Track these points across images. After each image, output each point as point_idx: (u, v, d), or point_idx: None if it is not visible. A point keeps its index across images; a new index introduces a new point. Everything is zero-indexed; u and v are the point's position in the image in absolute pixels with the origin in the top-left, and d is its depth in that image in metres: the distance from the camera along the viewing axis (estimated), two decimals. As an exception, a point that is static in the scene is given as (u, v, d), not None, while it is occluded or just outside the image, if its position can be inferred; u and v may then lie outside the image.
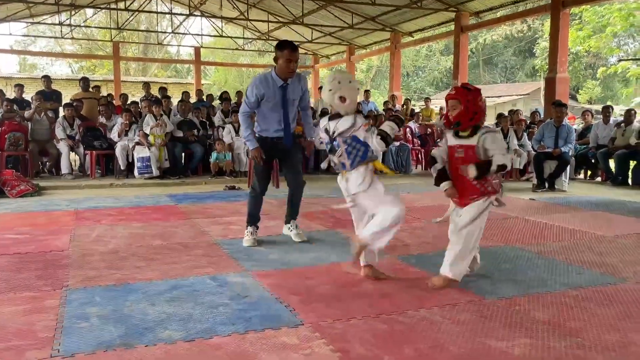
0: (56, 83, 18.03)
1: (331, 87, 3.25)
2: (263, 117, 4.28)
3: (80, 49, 29.89)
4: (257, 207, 4.49)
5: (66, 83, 20.10)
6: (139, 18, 24.39)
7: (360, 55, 19.79)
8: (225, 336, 2.50)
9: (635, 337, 2.49)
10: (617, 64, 22.83)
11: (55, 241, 4.45)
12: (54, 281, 3.34)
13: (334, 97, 3.24)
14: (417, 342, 2.44)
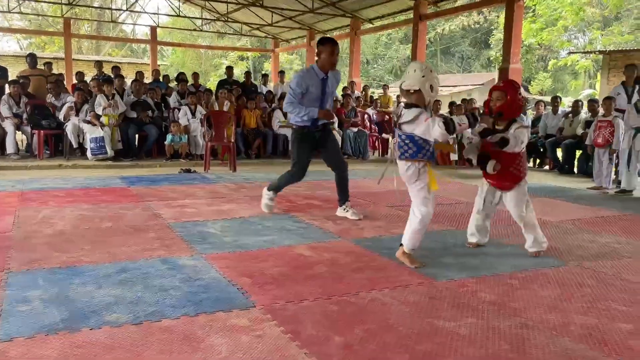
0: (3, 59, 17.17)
1: (424, 74, 3.20)
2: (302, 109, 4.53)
3: (30, 24, 28.52)
4: (287, 184, 4.85)
5: (14, 60, 19.16)
6: (91, -6, 23.46)
7: (320, 40, 19.69)
8: (175, 319, 2.46)
9: (574, 317, 2.60)
10: (567, 56, 23.60)
11: (-2, 223, 4.26)
12: (-6, 264, 3.20)
13: (425, 84, 3.19)
14: (367, 323, 2.47)
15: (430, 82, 3.21)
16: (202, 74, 29.44)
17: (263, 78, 13.45)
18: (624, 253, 3.82)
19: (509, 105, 3.42)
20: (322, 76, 4.51)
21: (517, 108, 3.48)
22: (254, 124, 9.75)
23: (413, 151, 3.29)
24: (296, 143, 4.68)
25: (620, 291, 2.99)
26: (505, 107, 3.43)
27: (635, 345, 2.29)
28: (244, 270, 3.20)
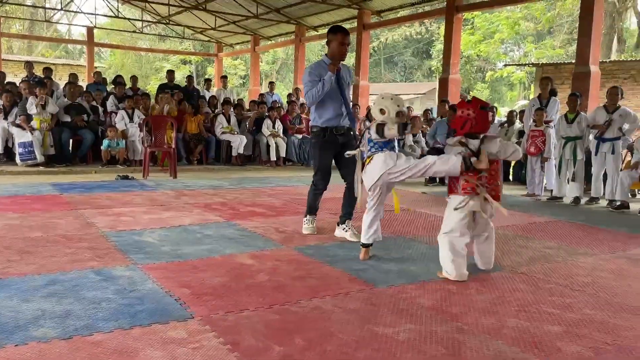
0: None
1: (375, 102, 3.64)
2: (322, 107, 4.23)
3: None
4: (317, 200, 4.49)
5: None
6: (24, -9, 22.38)
7: (265, 46, 19.66)
8: (107, 332, 2.36)
9: (508, 320, 2.69)
10: (503, 68, 24.65)
11: None
12: None
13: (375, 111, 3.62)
14: (308, 331, 2.46)
15: (379, 106, 3.58)
16: (142, 77, 28.74)
17: (206, 83, 13.23)
18: (555, 258, 4.00)
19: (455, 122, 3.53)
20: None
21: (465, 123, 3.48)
22: (195, 130, 9.57)
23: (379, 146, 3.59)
24: (317, 148, 4.34)
25: (551, 294, 3.12)
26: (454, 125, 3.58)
27: (563, 346, 2.39)
28: (182, 280, 3.12)
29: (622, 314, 2.82)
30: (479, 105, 3.38)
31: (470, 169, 3.26)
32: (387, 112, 3.57)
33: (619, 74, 13.44)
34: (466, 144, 3.33)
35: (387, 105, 3.59)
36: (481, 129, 3.38)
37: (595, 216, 5.97)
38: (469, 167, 3.26)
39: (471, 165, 3.25)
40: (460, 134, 3.40)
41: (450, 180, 3.47)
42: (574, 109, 6.98)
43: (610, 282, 3.42)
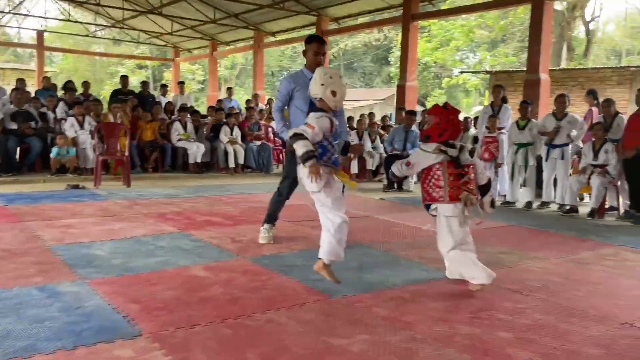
0: None
1: (324, 82, 3.24)
2: (295, 115, 4.19)
3: None
4: (279, 209, 4.48)
5: None
6: (-31, -8, 21.43)
7: (224, 51, 19.48)
8: (49, 354, 2.25)
9: (460, 328, 2.71)
10: (459, 75, 25.24)
11: None
12: None
13: (325, 91, 3.23)
14: (261, 346, 2.41)
15: (332, 88, 3.24)
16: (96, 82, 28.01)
17: (162, 88, 12.98)
18: (507, 262, 4.08)
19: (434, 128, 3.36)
20: (311, 76, 3.87)
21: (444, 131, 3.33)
22: (151, 136, 9.36)
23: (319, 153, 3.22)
24: (289, 156, 4.26)
25: (503, 300, 3.17)
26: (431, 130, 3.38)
27: (514, 352, 2.43)
28: (132, 295, 3.01)
29: (571, 319, 2.89)
30: (456, 112, 3.40)
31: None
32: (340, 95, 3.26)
33: (568, 82, 13.96)
34: (446, 152, 3.28)
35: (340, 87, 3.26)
36: (455, 137, 3.38)
37: (546, 220, 6.14)
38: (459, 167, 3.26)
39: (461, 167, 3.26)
40: (436, 141, 3.31)
41: (426, 189, 3.37)
42: (525, 116, 7.19)
43: (559, 286, 3.51)
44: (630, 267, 4.10)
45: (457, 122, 3.40)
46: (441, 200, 3.29)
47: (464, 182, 3.27)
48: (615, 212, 6.68)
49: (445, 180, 3.28)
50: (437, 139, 3.31)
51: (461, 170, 3.29)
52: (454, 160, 3.28)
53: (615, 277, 3.78)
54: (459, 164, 3.29)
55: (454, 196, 3.26)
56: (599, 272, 3.90)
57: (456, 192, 3.25)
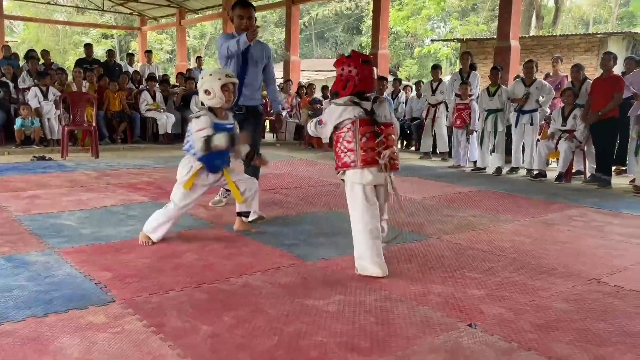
0: None
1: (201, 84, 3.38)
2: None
3: None
4: None
5: None
6: None
7: (192, 19, 18.94)
8: (19, 321, 2.20)
9: (434, 287, 2.76)
10: (430, 44, 25.21)
11: None
12: None
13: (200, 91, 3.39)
14: (237, 309, 2.41)
15: (205, 87, 3.34)
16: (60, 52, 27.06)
17: (128, 57, 12.60)
18: (478, 225, 4.15)
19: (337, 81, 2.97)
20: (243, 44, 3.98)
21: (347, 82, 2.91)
22: (118, 107, 9.11)
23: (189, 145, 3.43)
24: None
25: (474, 260, 3.23)
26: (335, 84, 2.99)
27: (486, 309, 2.48)
28: (103, 263, 2.96)
29: (540, 276, 2.97)
30: (360, 59, 2.89)
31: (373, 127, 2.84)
32: (213, 93, 3.33)
33: (537, 49, 14.08)
34: (359, 104, 2.87)
35: (210, 83, 3.32)
36: (367, 88, 2.93)
37: (515, 185, 6.26)
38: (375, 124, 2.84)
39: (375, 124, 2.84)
40: (343, 95, 2.90)
41: (337, 153, 2.94)
42: (495, 83, 7.24)
43: (529, 246, 3.59)
44: (596, 227, 4.22)
45: (363, 72, 2.88)
46: (353, 165, 2.85)
47: (380, 142, 2.84)
48: (581, 176, 6.84)
49: (357, 142, 2.83)
50: (342, 92, 2.91)
51: (375, 127, 2.85)
52: (368, 115, 2.86)
53: (582, 237, 3.89)
54: (373, 120, 2.86)
55: (368, 160, 2.83)
56: (566, 232, 4.01)
57: (370, 155, 2.83)
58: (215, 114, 3.38)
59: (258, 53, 4.22)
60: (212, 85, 3.31)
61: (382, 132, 2.87)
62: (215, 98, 3.32)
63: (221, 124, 3.39)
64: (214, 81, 3.31)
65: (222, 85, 3.31)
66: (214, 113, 3.37)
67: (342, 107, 2.88)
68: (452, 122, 7.66)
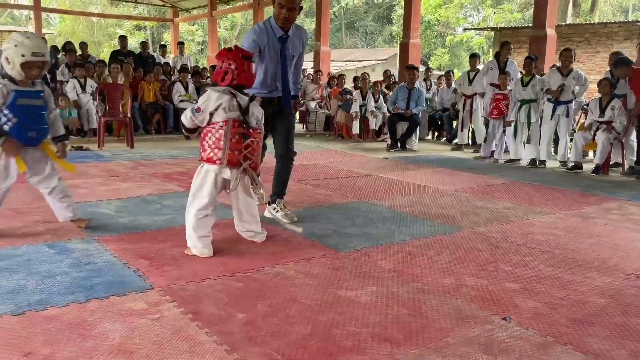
0: None
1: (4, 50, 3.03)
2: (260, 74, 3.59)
3: None
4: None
5: None
6: (-40, -48, 20.93)
7: (223, 10, 19.08)
8: (63, 306, 2.28)
9: (466, 279, 2.74)
10: (463, 33, 24.79)
11: None
12: None
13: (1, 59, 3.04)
14: (271, 298, 2.45)
15: (6, 55, 3.00)
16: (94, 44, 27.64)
17: (161, 49, 12.79)
18: (512, 217, 4.10)
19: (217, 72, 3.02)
20: (280, 34, 3.57)
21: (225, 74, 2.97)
22: (152, 98, 9.28)
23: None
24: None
25: (508, 253, 3.20)
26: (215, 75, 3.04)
27: (520, 302, 2.46)
28: (141, 251, 3.04)
29: (576, 270, 2.92)
30: (240, 54, 2.98)
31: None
32: (13, 65, 2.99)
33: (574, 38, 13.71)
34: (235, 95, 2.95)
35: (12, 55, 2.98)
36: (245, 82, 3.01)
37: (550, 177, 6.13)
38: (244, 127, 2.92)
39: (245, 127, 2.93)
40: (221, 86, 2.99)
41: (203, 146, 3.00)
42: (529, 72, 7.08)
43: (564, 239, 3.53)
44: (634, 220, 4.12)
45: (242, 67, 2.96)
46: (219, 162, 2.94)
47: (247, 144, 2.96)
48: (619, 168, 6.66)
49: (227, 142, 2.92)
50: (220, 83, 2.98)
51: (245, 130, 2.96)
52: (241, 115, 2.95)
53: (620, 230, 3.80)
54: (245, 122, 2.96)
55: (233, 161, 2.95)
56: (603, 226, 3.92)
57: (237, 157, 2.95)
58: (14, 80, 3.06)
59: (295, 43, 3.71)
60: (12, 58, 2.98)
61: (251, 135, 3.00)
62: (14, 71, 3.02)
63: (25, 91, 3.10)
64: (17, 55, 2.96)
65: (24, 62, 2.98)
66: (12, 80, 3.05)
67: (217, 94, 2.94)
68: (489, 112, 7.54)
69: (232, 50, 3.01)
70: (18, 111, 3.07)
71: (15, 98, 3.05)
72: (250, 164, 3.02)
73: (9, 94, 3.03)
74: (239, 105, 2.96)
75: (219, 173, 2.98)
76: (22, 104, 3.09)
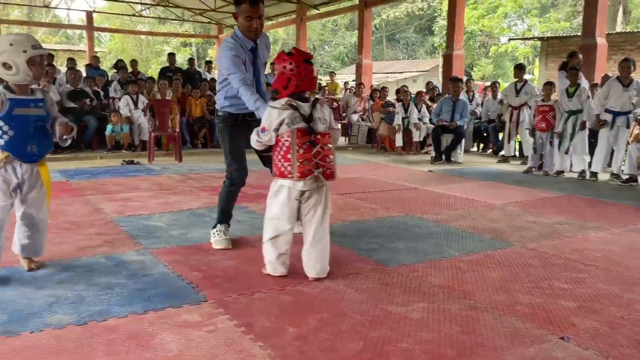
0: None
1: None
2: (231, 89, 3.37)
3: (-48, 8, 26.65)
4: (233, 200, 3.62)
5: None
6: (21, -23, 22.18)
7: (266, 26, 19.39)
8: (122, 317, 2.37)
9: (520, 296, 2.68)
10: (507, 43, 24.37)
11: None
12: None
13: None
14: (321, 312, 2.46)
15: (3, 59, 2.67)
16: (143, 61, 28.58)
17: (207, 65, 13.14)
18: (564, 233, 3.98)
19: (279, 79, 2.87)
20: (251, 45, 3.38)
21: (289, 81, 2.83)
22: (199, 113, 9.52)
23: None
24: (226, 132, 3.47)
25: (563, 270, 3.11)
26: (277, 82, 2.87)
27: (578, 321, 2.38)
28: (193, 264, 3.12)
29: (635, 288, 2.81)
30: (301, 58, 2.83)
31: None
32: (16, 68, 2.68)
33: (626, 46, 13.26)
34: (297, 108, 2.81)
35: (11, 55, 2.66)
36: (308, 87, 2.87)
37: (602, 190, 5.93)
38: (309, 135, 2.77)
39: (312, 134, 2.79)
40: (284, 95, 2.85)
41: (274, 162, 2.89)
42: (574, 83, 6.89)
43: (621, 256, 3.40)
44: (697, 237, 3.93)
45: (304, 71, 2.81)
46: (290, 177, 2.82)
47: (317, 152, 2.81)
48: (678, 181, 6.37)
49: (294, 153, 2.79)
50: (283, 92, 2.85)
51: (312, 137, 2.80)
52: (305, 124, 2.79)
53: (682, 247, 3.63)
54: (310, 130, 2.80)
55: (304, 172, 2.79)
56: (663, 242, 3.76)
57: (308, 167, 2.79)
58: (11, 88, 2.76)
59: (264, 51, 3.53)
60: (13, 59, 2.65)
61: (319, 141, 2.83)
62: (20, 74, 2.69)
63: (24, 100, 2.78)
64: (17, 54, 2.66)
65: (29, 59, 2.68)
66: (8, 89, 2.75)
67: (277, 111, 2.81)
68: (535, 124, 7.36)
69: (292, 54, 2.84)
70: (15, 122, 2.72)
71: (12, 107, 2.71)
72: (324, 171, 2.85)
73: (4, 103, 2.69)
74: (302, 116, 2.82)
75: (292, 186, 2.84)
76: (20, 114, 2.73)
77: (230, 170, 3.51)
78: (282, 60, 2.84)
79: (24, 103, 2.77)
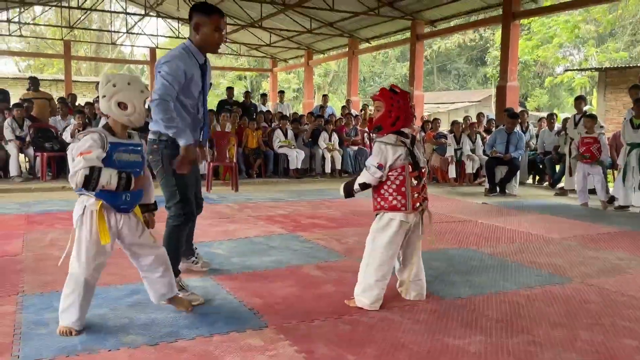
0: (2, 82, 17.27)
1: (105, 93, 2.50)
2: (179, 111, 3.05)
3: (29, 46, 28.80)
4: (180, 242, 3.29)
5: (13, 82, 19.37)
6: (90, 16, 23.75)
7: (319, 59, 19.94)
8: (190, 339, 2.51)
9: (581, 333, 2.65)
10: (563, 73, 23.87)
11: (6, 246, 4.30)
12: (8, 287, 3.24)
13: (110, 104, 2.50)
14: (378, 342, 2.52)
15: (117, 98, 2.49)
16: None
17: (262, 98, 13.59)
18: (627, 269, 3.88)
19: (385, 116, 2.94)
20: (203, 60, 3.16)
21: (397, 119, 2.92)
22: (254, 144, 9.84)
23: None
24: (168, 162, 3.07)
25: (625, 307, 3.04)
26: (383, 119, 2.95)
27: (642, 360, 2.34)
28: (253, 290, 3.25)
29: None
30: (407, 95, 2.97)
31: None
32: (132, 107, 2.51)
33: (691, 76, 12.75)
34: (405, 144, 2.91)
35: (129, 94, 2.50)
36: (409, 125, 3.03)
37: (669, 226, 5.70)
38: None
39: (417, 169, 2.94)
40: (389, 131, 2.93)
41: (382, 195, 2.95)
42: (639, 115, 6.71)
43: (689, 295, 3.28)
44: None
45: (408, 108, 2.97)
46: (403, 209, 2.91)
47: (422, 186, 3.00)
48: None
49: (409, 187, 2.91)
50: (390, 128, 2.92)
51: (418, 172, 2.96)
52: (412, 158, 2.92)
53: None
54: (416, 164, 2.94)
55: (416, 205, 2.95)
56: None
57: (417, 201, 2.95)
58: (112, 131, 2.54)
59: (210, 68, 3.33)
60: (131, 98, 2.50)
61: (423, 175, 3.01)
62: (136, 114, 2.51)
63: (123, 143, 2.54)
64: (135, 92, 2.51)
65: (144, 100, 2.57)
66: (109, 130, 2.53)
67: (391, 147, 2.91)
68: (578, 156, 7.20)
69: (398, 93, 2.94)
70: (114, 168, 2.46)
71: (112, 152, 2.46)
72: (426, 204, 3.06)
73: (105, 146, 2.45)
74: (408, 151, 2.93)
75: (404, 219, 2.94)
76: (120, 160, 2.49)
77: (178, 207, 3.14)
78: (389, 97, 2.94)
79: (124, 147, 2.53)
